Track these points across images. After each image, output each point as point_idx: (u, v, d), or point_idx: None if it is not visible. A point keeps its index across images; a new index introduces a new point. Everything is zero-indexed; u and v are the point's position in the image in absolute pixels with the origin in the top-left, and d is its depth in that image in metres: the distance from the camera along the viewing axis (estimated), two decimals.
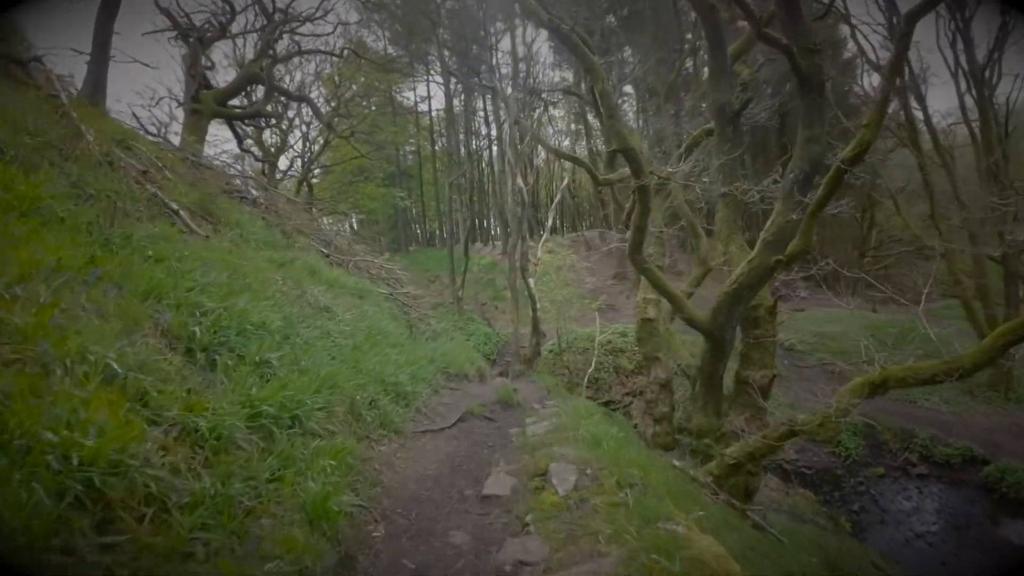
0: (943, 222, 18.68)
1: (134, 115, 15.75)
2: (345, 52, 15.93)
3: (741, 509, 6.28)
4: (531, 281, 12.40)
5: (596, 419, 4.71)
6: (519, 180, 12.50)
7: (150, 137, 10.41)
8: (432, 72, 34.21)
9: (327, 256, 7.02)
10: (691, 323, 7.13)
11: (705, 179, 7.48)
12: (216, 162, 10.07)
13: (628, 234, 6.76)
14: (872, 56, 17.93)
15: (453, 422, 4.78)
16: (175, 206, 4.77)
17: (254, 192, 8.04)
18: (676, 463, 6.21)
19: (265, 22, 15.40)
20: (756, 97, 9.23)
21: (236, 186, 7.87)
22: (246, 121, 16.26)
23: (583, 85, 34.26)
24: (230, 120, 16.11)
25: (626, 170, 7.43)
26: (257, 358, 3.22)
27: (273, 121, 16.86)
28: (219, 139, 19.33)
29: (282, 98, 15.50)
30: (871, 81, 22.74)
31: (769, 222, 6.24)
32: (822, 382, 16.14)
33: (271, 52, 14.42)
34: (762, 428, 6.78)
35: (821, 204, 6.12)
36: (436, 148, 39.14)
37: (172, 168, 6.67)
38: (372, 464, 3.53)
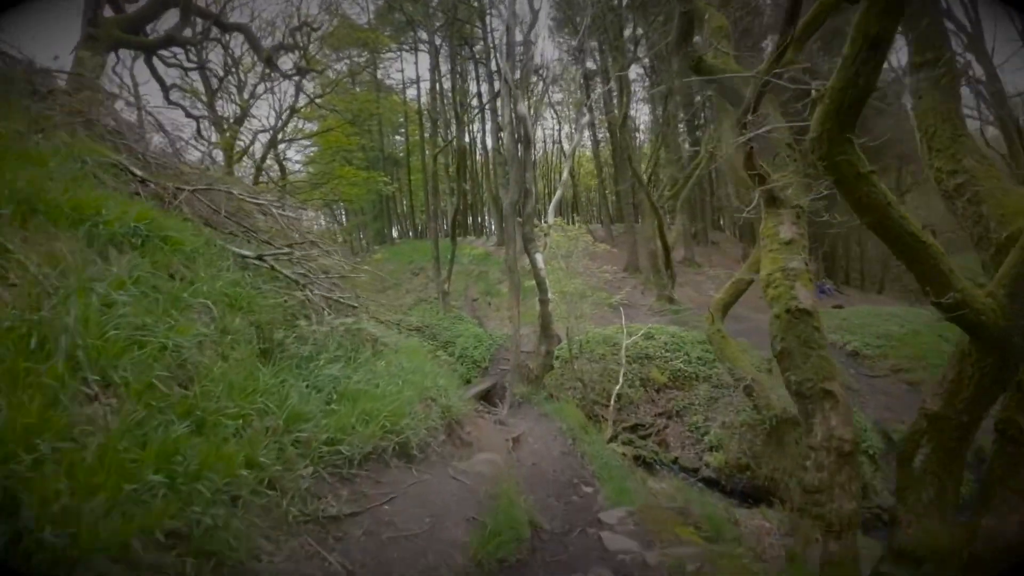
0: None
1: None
2: None
3: None
4: (539, 258, 8.44)
5: None
6: (521, 106, 8.73)
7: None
8: (420, 42, 30.86)
9: (137, 177, 3.48)
10: (959, 315, 3.30)
11: None
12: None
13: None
14: None
15: None
16: None
17: (60, 82, 4.62)
18: None
19: None
20: None
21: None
22: (168, 61, 12.73)
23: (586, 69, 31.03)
24: (148, 60, 12.62)
25: None
26: None
27: (206, 60, 13.37)
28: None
29: (209, 26, 12.04)
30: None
31: None
32: (903, 396, 12.95)
33: None
34: None
35: None
36: (425, 135, 35.87)
37: None
38: None
